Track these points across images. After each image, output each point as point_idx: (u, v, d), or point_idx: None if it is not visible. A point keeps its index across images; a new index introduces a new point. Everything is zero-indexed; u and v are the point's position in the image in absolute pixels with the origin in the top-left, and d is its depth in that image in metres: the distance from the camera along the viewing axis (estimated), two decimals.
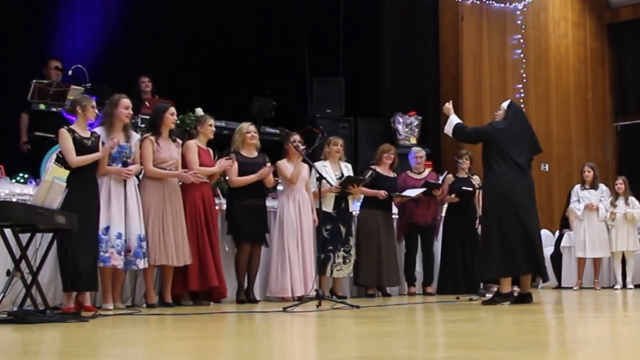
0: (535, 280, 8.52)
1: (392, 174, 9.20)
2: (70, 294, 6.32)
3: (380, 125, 11.48)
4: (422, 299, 8.65)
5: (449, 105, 7.55)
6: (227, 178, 7.79)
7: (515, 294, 7.43)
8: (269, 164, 7.76)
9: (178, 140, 7.24)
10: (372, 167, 9.06)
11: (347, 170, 8.71)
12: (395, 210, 9.39)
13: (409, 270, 9.42)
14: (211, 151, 7.62)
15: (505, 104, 7.47)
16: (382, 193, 8.82)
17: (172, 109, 7.17)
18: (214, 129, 7.59)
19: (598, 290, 10.33)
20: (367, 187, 8.79)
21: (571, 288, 10.65)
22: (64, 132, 6.34)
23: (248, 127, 7.87)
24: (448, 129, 7.45)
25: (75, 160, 6.27)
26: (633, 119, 14.46)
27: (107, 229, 6.56)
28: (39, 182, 5.90)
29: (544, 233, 11.93)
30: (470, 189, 9.47)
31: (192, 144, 7.35)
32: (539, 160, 13.12)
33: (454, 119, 7.41)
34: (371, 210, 8.93)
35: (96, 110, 6.55)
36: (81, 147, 6.34)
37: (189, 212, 7.15)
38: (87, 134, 6.47)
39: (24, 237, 5.53)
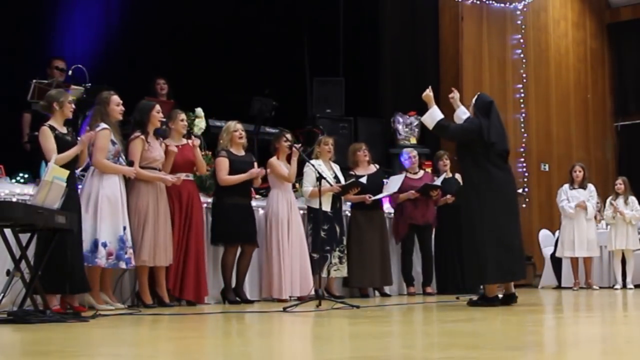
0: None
1: (372, 169, 9.09)
2: (55, 295, 6.20)
3: (380, 125, 11.48)
4: (422, 299, 8.65)
5: (430, 93, 7.06)
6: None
7: (500, 295, 7.40)
8: (260, 168, 7.61)
9: (161, 138, 7.17)
10: (351, 172, 8.95)
11: (337, 170, 8.71)
12: (387, 209, 9.36)
13: (406, 270, 9.42)
14: (191, 143, 7.36)
15: (474, 99, 7.17)
16: (367, 198, 8.78)
17: (158, 107, 7.09)
18: (185, 123, 7.46)
19: (597, 290, 10.33)
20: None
21: (571, 288, 10.66)
22: (45, 130, 6.17)
23: (235, 126, 7.81)
24: (428, 122, 7.02)
25: (56, 159, 6.01)
26: (633, 119, 14.47)
27: (125, 229, 6.56)
28: (39, 182, 5.88)
29: (544, 233, 11.97)
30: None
31: (163, 146, 7.20)
32: (539, 160, 13.14)
33: (436, 114, 6.99)
34: (359, 211, 8.91)
35: (73, 105, 6.40)
36: (63, 143, 6.19)
37: (171, 210, 7.10)
38: (65, 130, 6.33)
39: (24, 237, 5.52)
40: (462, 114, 7.21)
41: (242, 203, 7.68)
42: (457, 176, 9.47)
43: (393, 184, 9.11)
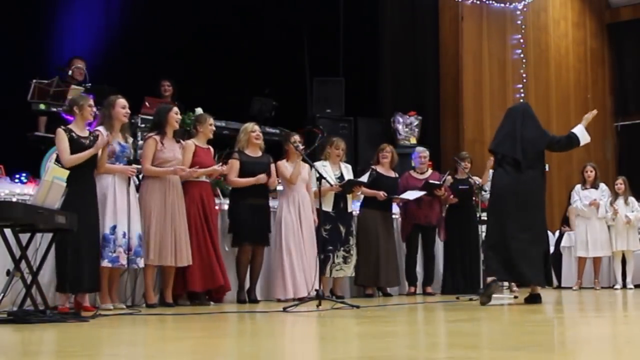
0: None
1: (392, 173, 9.19)
2: (67, 294, 6.28)
3: (380, 125, 11.48)
4: (423, 299, 8.65)
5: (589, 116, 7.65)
6: (225, 177, 7.79)
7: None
8: (272, 177, 7.70)
9: (182, 141, 7.25)
10: (372, 167, 9.06)
11: (347, 170, 8.71)
12: (395, 210, 9.39)
13: (409, 270, 9.42)
14: (212, 149, 7.60)
15: None
16: (381, 194, 8.81)
17: (176, 109, 7.20)
18: (214, 128, 7.59)
19: (598, 290, 10.33)
20: (367, 187, 8.79)
21: (571, 288, 10.65)
22: (60, 132, 6.33)
23: (253, 127, 7.87)
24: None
25: (69, 159, 6.23)
26: (633, 119, 14.46)
27: (114, 228, 6.56)
28: (39, 182, 5.89)
29: None
30: (467, 186, 9.45)
31: (190, 144, 7.33)
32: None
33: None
34: (370, 210, 8.93)
35: (94, 109, 6.53)
36: (79, 146, 6.31)
37: (189, 211, 7.15)
38: (85, 134, 6.44)
39: (24, 237, 5.52)
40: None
41: (256, 204, 7.73)
42: (476, 178, 9.40)
43: (410, 194, 9.11)
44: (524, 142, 7.06)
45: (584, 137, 7.40)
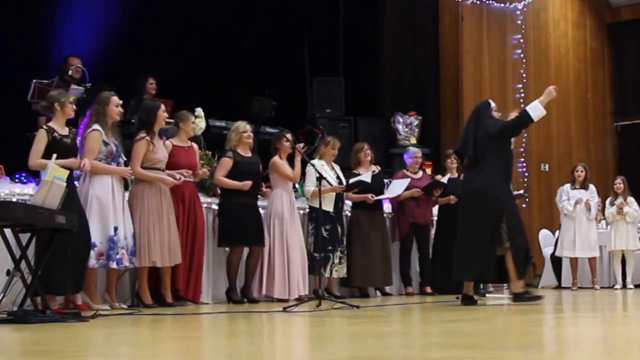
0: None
1: (374, 169, 9.12)
2: (54, 296, 6.18)
3: (380, 125, 11.49)
4: (421, 299, 8.66)
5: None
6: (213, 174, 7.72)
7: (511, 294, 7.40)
8: (248, 182, 7.55)
9: (164, 137, 7.18)
10: (354, 172, 8.95)
11: (338, 170, 8.71)
12: (386, 209, 9.35)
13: (405, 270, 9.40)
14: (195, 147, 7.44)
15: None
16: (370, 197, 8.78)
17: (163, 107, 7.11)
18: (195, 126, 7.52)
19: (597, 290, 10.33)
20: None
21: (570, 288, 10.65)
22: (41, 132, 6.18)
23: (245, 127, 7.83)
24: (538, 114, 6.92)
25: (35, 163, 6.13)
26: (633, 119, 14.45)
27: (116, 229, 6.54)
28: (39, 182, 5.88)
29: (544, 233, 11.96)
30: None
31: (167, 144, 7.20)
32: (539, 160, 13.14)
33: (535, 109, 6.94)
34: (360, 211, 8.91)
35: (74, 106, 6.40)
36: (61, 145, 6.17)
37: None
38: (66, 132, 6.31)
39: (24, 237, 5.52)
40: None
41: (248, 203, 7.69)
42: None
43: (397, 187, 9.10)
44: (476, 142, 6.94)
45: (535, 110, 6.85)
